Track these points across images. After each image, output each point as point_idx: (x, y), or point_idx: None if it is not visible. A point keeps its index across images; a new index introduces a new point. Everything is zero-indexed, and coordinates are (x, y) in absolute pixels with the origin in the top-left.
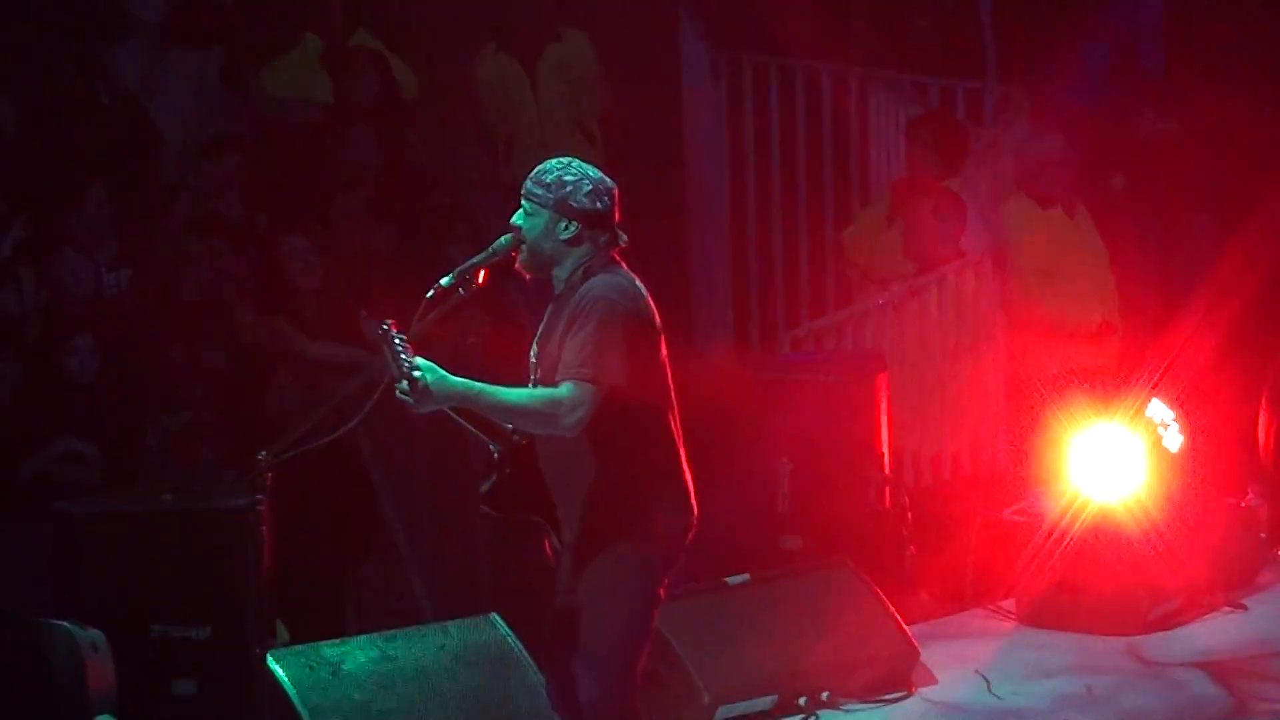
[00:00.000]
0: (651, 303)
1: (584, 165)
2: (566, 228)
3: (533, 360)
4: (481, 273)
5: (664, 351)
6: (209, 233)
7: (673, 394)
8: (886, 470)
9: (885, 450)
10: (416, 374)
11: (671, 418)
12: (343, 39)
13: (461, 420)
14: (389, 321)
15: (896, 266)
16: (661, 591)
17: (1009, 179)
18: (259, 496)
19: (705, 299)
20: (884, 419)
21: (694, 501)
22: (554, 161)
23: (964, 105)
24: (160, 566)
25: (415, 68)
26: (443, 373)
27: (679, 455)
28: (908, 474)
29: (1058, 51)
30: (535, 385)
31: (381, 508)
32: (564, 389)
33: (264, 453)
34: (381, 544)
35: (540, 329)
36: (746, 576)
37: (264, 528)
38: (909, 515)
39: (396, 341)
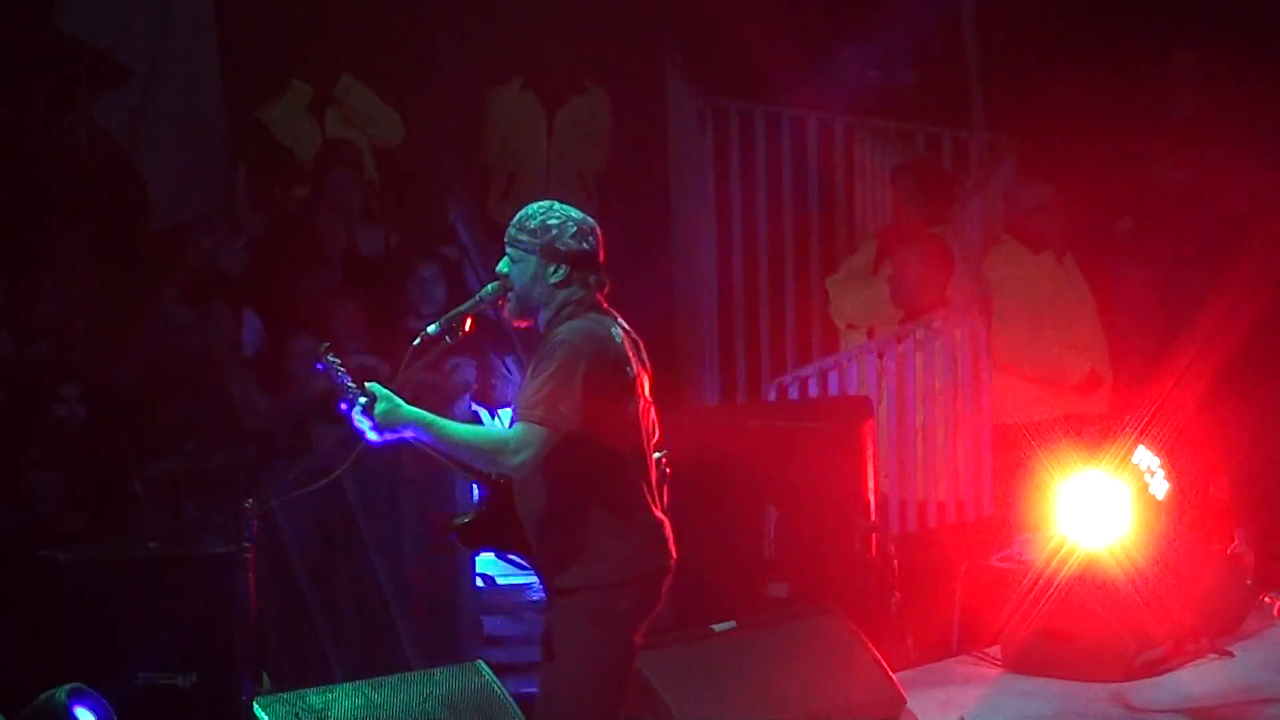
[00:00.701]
0: (629, 349)
1: (565, 207)
2: (555, 271)
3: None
4: (468, 321)
5: (641, 399)
6: (202, 300)
7: (646, 440)
8: (873, 517)
9: (871, 497)
10: (363, 400)
11: (643, 464)
12: (328, 85)
13: (439, 455)
14: (326, 345)
15: (882, 314)
16: (637, 639)
17: (997, 226)
18: (245, 544)
19: (691, 346)
20: (870, 466)
21: (671, 548)
22: (535, 206)
23: (951, 153)
24: (146, 614)
25: (400, 112)
26: (397, 401)
27: (650, 502)
28: (894, 521)
29: (1048, 99)
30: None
31: (367, 555)
32: (514, 429)
33: (250, 501)
34: (366, 589)
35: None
36: (733, 623)
37: (250, 575)
38: (895, 562)
39: (337, 369)
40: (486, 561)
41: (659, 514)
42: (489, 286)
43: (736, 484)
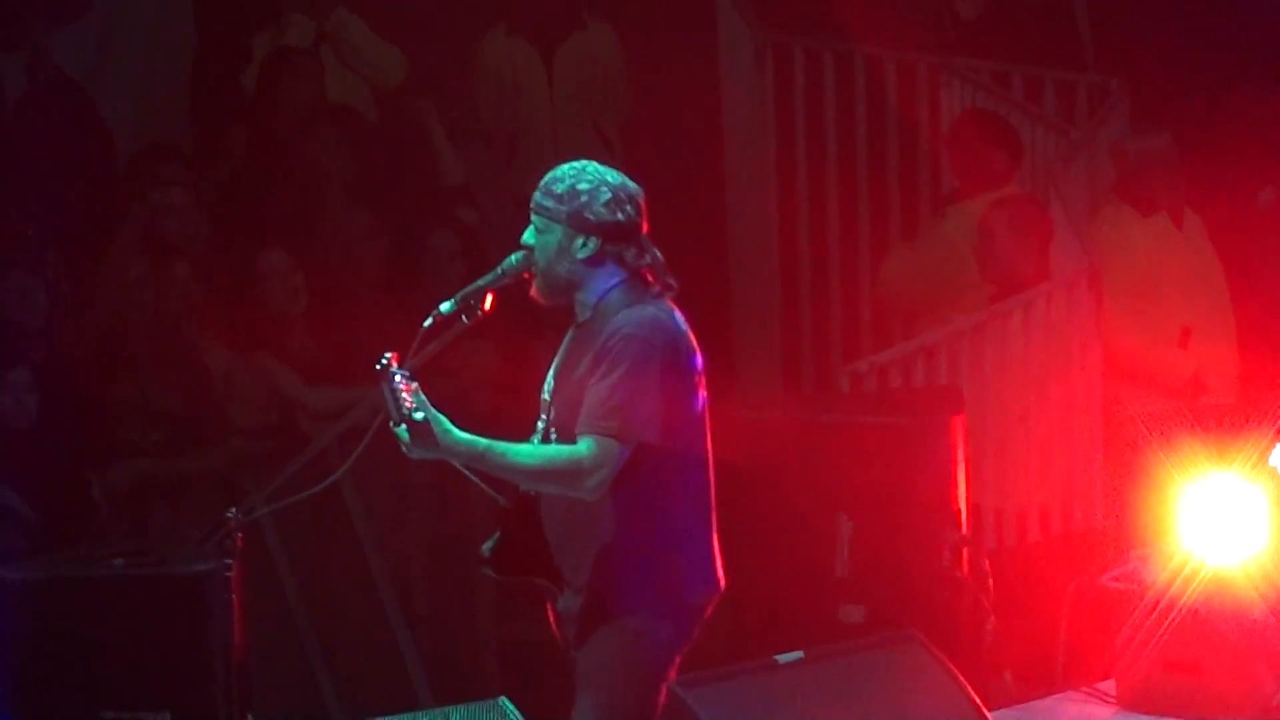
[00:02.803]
0: (692, 337)
1: (601, 169)
2: (584, 245)
3: (546, 398)
4: (489, 297)
5: (703, 397)
6: (165, 253)
7: (710, 447)
8: (964, 528)
9: (962, 505)
10: (418, 416)
11: (707, 475)
12: (321, 18)
13: (464, 469)
14: (389, 355)
15: (967, 295)
16: (672, 672)
17: (1105, 184)
18: (227, 560)
19: (749, 327)
20: (961, 468)
21: (720, 572)
22: (566, 167)
23: (1054, 99)
24: (111, 641)
25: (406, 51)
26: (448, 424)
27: (710, 519)
28: (988, 533)
29: (1168, 39)
30: (549, 426)
31: (371, 573)
32: (584, 446)
33: (233, 509)
34: (370, 613)
35: (558, 360)
36: (800, 654)
37: (233, 596)
38: (990, 581)
39: (396, 379)
40: None
41: (715, 534)
42: (512, 257)
43: (803, 489)
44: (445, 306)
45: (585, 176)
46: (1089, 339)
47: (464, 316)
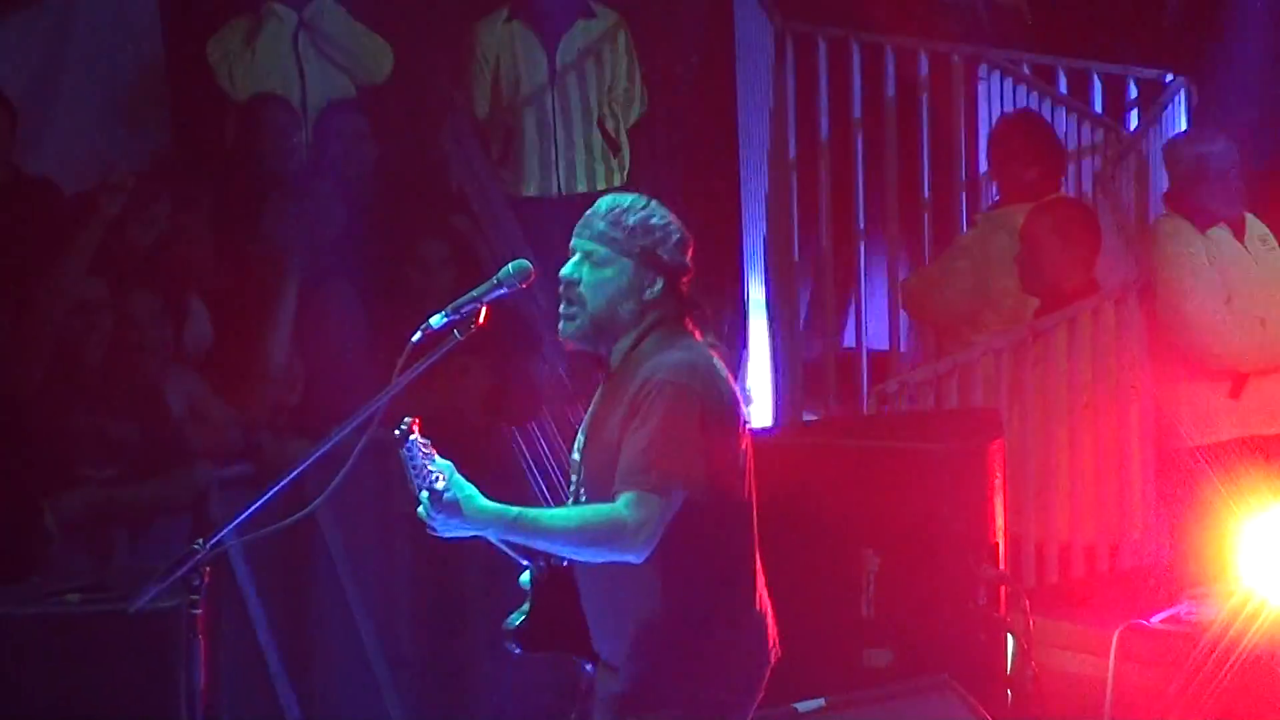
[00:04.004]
0: (733, 383)
1: (662, 206)
2: (652, 286)
3: (576, 458)
4: (483, 311)
5: (746, 446)
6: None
7: (754, 499)
8: (1002, 565)
9: (1000, 539)
10: (440, 484)
11: (751, 531)
12: (301, 5)
13: (498, 543)
14: (410, 420)
15: (1006, 309)
16: None
17: (1158, 188)
18: (193, 598)
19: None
20: (999, 498)
21: (773, 635)
22: (629, 198)
23: (1102, 95)
24: (66, 684)
25: (392, 40)
26: (472, 491)
27: (756, 577)
28: (1029, 569)
29: (1229, 29)
30: (579, 488)
31: (350, 612)
32: (624, 503)
33: (200, 541)
34: (349, 656)
35: (588, 417)
36: (822, 701)
37: (199, 637)
38: (1030, 622)
39: (418, 445)
40: None
41: (764, 594)
42: (510, 267)
43: (825, 522)
44: (436, 320)
45: (655, 212)
46: (1139, 358)
47: (456, 331)
